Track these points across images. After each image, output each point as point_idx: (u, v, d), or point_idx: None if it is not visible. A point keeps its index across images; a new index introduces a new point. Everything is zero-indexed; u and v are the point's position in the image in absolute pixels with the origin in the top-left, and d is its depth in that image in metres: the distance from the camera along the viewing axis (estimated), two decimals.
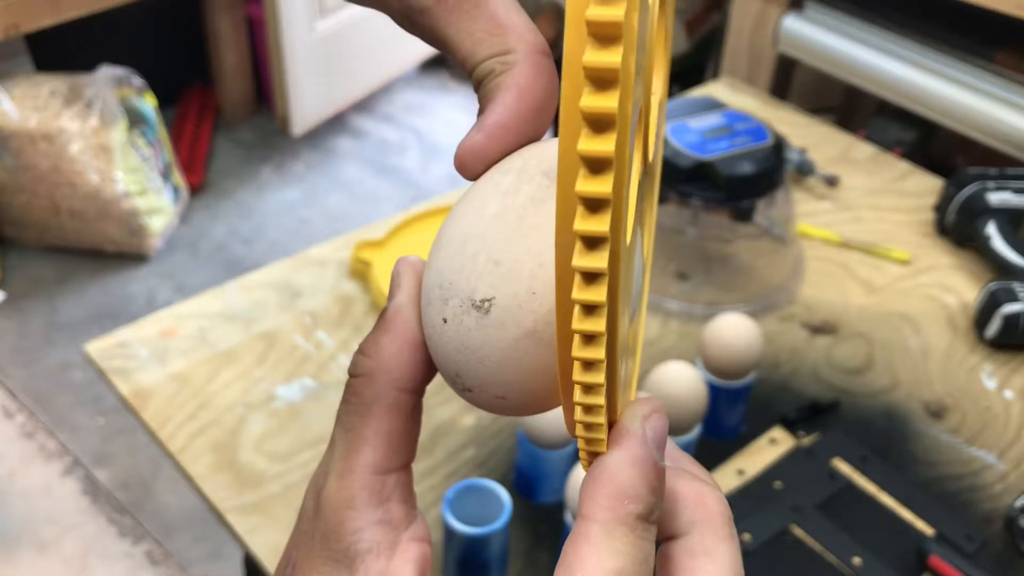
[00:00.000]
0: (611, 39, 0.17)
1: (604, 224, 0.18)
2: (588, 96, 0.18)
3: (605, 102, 0.17)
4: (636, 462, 0.22)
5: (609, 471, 0.22)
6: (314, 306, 0.87)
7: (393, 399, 0.25)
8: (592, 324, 0.20)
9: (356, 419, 0.26)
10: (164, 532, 1.51)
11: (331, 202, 2.27)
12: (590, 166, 0.18)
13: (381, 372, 0.25)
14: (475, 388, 0.24)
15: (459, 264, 0.23)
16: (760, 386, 0.81)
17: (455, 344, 0.24)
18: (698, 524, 0.24)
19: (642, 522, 0.22)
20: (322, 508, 0.25)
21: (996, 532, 0.70)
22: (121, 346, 0.81)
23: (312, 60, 2.32)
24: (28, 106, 1.87)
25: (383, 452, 0.25)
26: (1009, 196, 0.95)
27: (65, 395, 1.74)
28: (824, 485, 0.73)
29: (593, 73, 0.17)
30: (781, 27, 1.38)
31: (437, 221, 0.95)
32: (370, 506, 0.25)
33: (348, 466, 0.25)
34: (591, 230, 0.19)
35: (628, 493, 0.22)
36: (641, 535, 0.22)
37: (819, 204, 1.04)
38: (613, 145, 0.18)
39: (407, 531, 0.25)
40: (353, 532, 0.25)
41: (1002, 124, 1.17)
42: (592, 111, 0.18)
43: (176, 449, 0.73)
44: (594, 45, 0.17)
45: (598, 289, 0.19)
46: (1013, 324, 0.84)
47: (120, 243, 2.01)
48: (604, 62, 0.17)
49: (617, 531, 0.22)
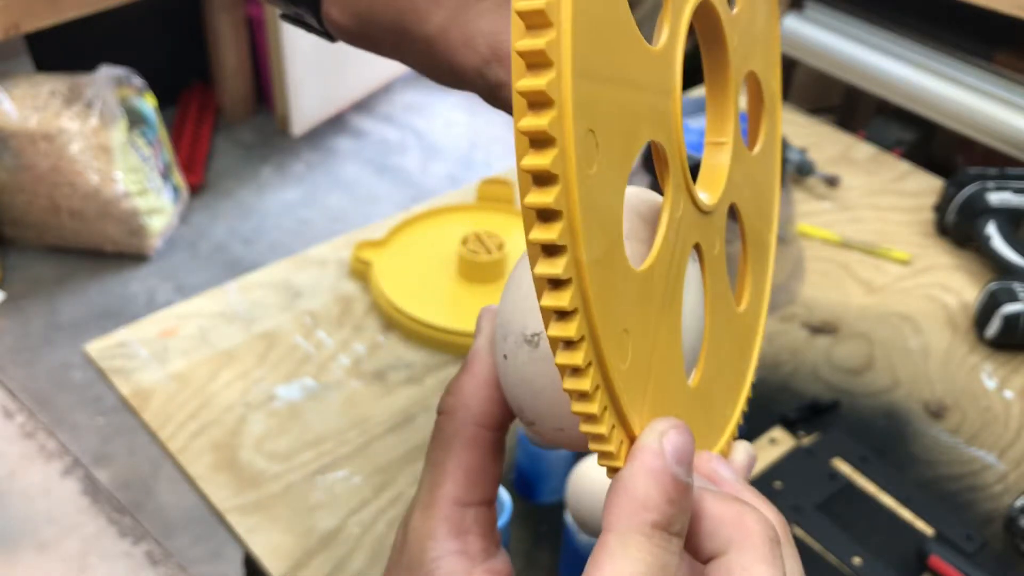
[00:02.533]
0: (541, 104, 0.19)
1: (559, 267, 0.20)
2: (529, 156, 0.20)
3: (539, 161, 0.20)
4: (650, 473, 0.23)
5: (623, 482, 0.23)
6: (314, 306, 0.87)
7: (472, 434, 0.27)
8: (571, 357, 0.21)
9: (440, 453, 0.27)
10: (164, 532, 1.51)
11: (331, 202, 2.27)
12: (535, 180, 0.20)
13: (461, 408, 0.27)
14: (537, 421, 0.26)
15: (513, 304, 0.25)
16: (760, 386, 0.81)
17: (515, 378, 0.25)
18: (735, 543, 0.24)
19: (659, 531, 0.22)
20: (408, 538, 0.27)
21: (996, 532, 0.70)
22: (121, 346, 0.81)
23: (312, 60, 2.32)
24: (28, 106, 1.87)
25: (463, 485, 0.27)
26: (1009, 196, 0.95)
27: (65, 395, 1.74)
28: (824, 485, 0.73)
29: (529, 134, 0.20)
30: (781, 27, 1.38)
31: (437, 221, 0.95)
32: (449, 537, 0.26)
33: (432, 499, 0.27)
34: (550, 272, 0.20)
35: (642, 502, 0.22)
36: (659, 543, 0.22)
37: (819, 204, 1.04)
38: (550, 160, 0.19)
39: (484, 563, 0.27)
40: (432, 560, 0.26)
41: (1002, 124, 1.17)
42: (529, 130, 0.20)
43: (176, 449, 0.73)
44: (526, 72, 0.19)
45: (561, 295, 0.20)
46: (1013, 324, 0.84)
47: (120, 243, 2.01)
48: (536, 127, 0.19)
49: (632, 539, 0.22)
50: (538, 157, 0.19)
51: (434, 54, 0.30)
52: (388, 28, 0.31)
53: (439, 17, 0.30)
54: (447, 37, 0.30)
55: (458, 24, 0.29)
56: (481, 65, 0.29)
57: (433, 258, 0.90)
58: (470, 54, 0.29)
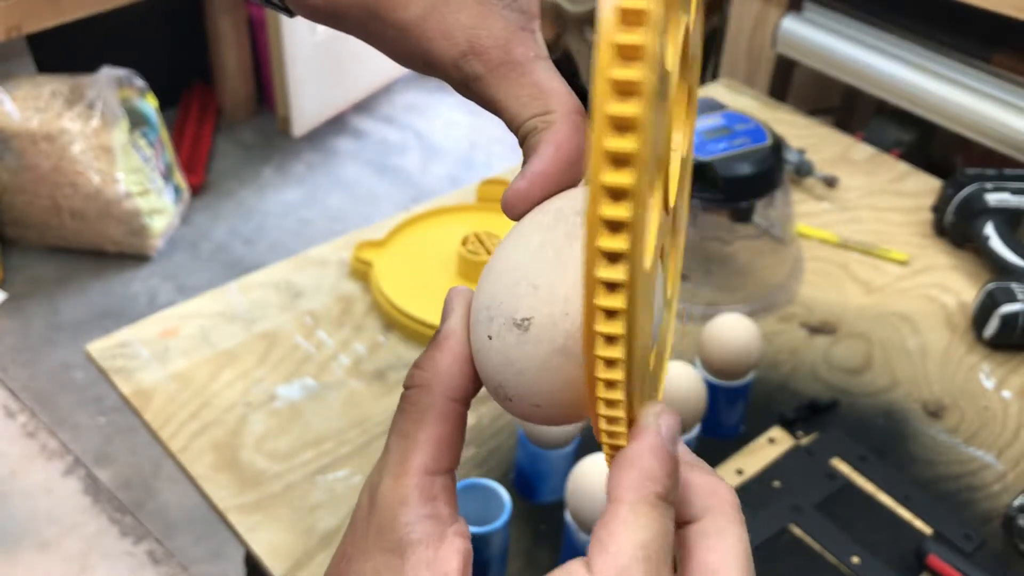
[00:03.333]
0: (631, 93, 0.21)
1: (624, 242, 0.22)
2: (610, 139, 0.21)
3: (625, 144, 0.21)
4: (654, 450, 0.26)
5: (632, 459, 0.26)
6: (315, 306, 0.87)
7: (444, 407, 0.29)
8: (612, 327, 0.23)
9: (411, 425, 0.29)
10: (165, 531, 1.51)
11: (332, 202, 2.27)
12: (611, 195, 0.22)
13: (436, 383, 0.29)
14: (515, 398, 0.28)
15: (504, 289, 0.27)
16: (759, 386, 0.81)
17: (499, 359, 0.27)
18: (711, 509, 0.27)
19: (662, 501, 0.25)
20: (377, 504, 0.28)
21: (994, 531, 0.71)
22: (122, 346, 0.81)
23: (313, 61, 2.32)
24: (30, 107, 1.87)
25: (433, 455, 0.29)
26: (1007, 196, 0.95)
27: (66, 395, 1.74)
28: (823, 485, 0.73)
29: (615, 121, 0.21)
30: (780, 28, 1.38)
31: (437, 221, 0.96)
32: (420, 503, 0.28)
33: (403, 468, 0.28)
34: (613, 247, 0.22)
35: (649, 475, 0.25)
36: (662, 512, 0.25)
37: (818, 205, 1.04)
38: (632, 178, 0.21)
39: (452, 527, 0.28)
40: (405, 525, 0.28)
41: (1000, 125, 1.17)
42: (614, 151, 0.21)
43: (177, 449, 0.73)
44: (616, 98, 0.21)
45: (617, 296, 0.23)
46: (1011, 324, 0.84)
47: (121, 243, 2.02)
48: (625, 112, 0.21)
49: (642, 508, 0.25)
50: (619, 175, 0.21)
51: (408, 41, 0.31)
52: (359, 10, 0.32)
53: (417, 7, 0.31)
54: (423, 27, 0.31)
55: (436, 15, 0.30)
56: (458, 57, 0.30)
57: (433, 258, 0.90)
58: (448, 46, 0.30)
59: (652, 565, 0.24)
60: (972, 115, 1.19)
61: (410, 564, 0.27)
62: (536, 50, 0.30)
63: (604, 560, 0.24)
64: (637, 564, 0.24)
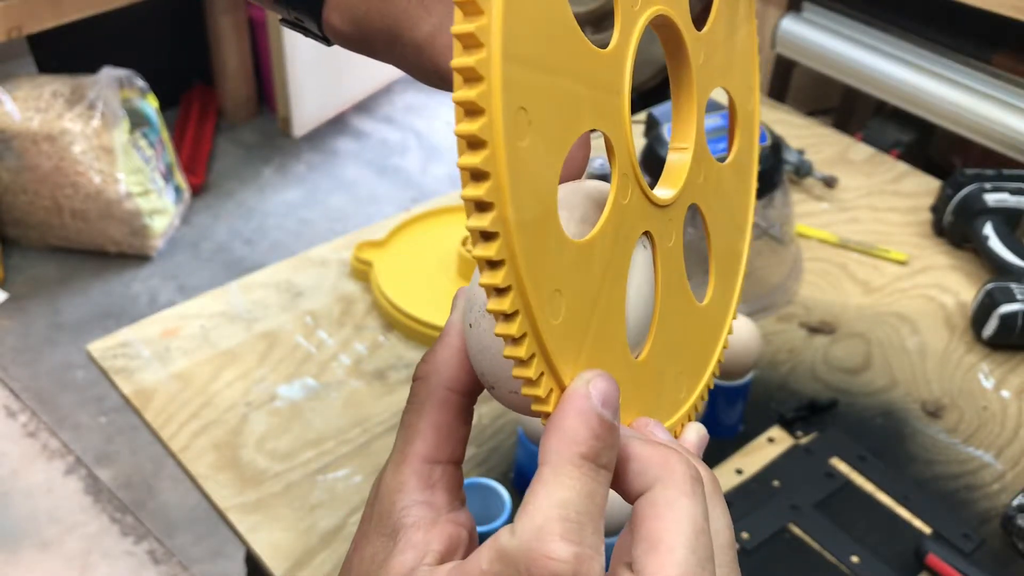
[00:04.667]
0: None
1: (487, 221, 0.23)
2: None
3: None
4: (578, 413, 0.26)
5: (555, 423, 0.26)
6: (315, 306, 0.87)
7: (442, 396, 0.30)
8: (501, 304, 0.24)
9: (412, 416, 0.30)
10: (166, 531, 1.51)
11: (332, 203, 2.28)
12: (468, 145, 0.23)
13: (434, 374, 0.30)
14: (496, 385, 0.29)
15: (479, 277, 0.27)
16: (758, 385, 0.81)
17: (478, 345, 0.28)
18: (661, 480, 0.27)
19: (587, 462, 0.25)
20: (379, 492, 0.30)
21: (993, 531, 0.71)
22: (123, 346, 0.82)
23: (313, 61, 2.32)
24: (31, 107, 1.87)
25: (432, 443, 0.29)
26: (1006, 197, 0.95)
27: (67, 395, 1.74)
28: (822, 484, 0.73)
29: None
30: (779, 29, 1.38)
31: (437, 221, 0.96)
32: (417, 489, 0.29)
33: (402, 456, 0.30)
34: (478, 225, 0.23)
35: (572, 438, 0.25)
36: (586, 472, 0.25)
37: (817, 205, 1.04)
38: (478, 127, 0.23)
39: (448, 515, 0.29)
40: (401, 510, 0.29)
41: (1000, 125, 1.17)
42: (461, 100, 0.23)
43: (178, 448, 0.73)
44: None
45: (495, 274, 0.24)
46: (1010, 324, 0.84)
47: (122, 243, 2.02)
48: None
49: (563, 469, 0.25)
50: (469, 124, 0.22)
51: (422, 58, 0.33)
52: (383, 34, 0.33)
53: (428, 24, 0.32)
54: (434, 43, 0.32)
55: (445, 31, 0.32)
56: None
57: (433, 258, 0.90)
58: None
59: (572, 525, 0.24)
60: (971, 115, 1.19)
61: (399, 547, 0.28)
62: None
63: (523, 521, 0.24)
64: (554, 524, 0.24)
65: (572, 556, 0.24)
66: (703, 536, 0.26)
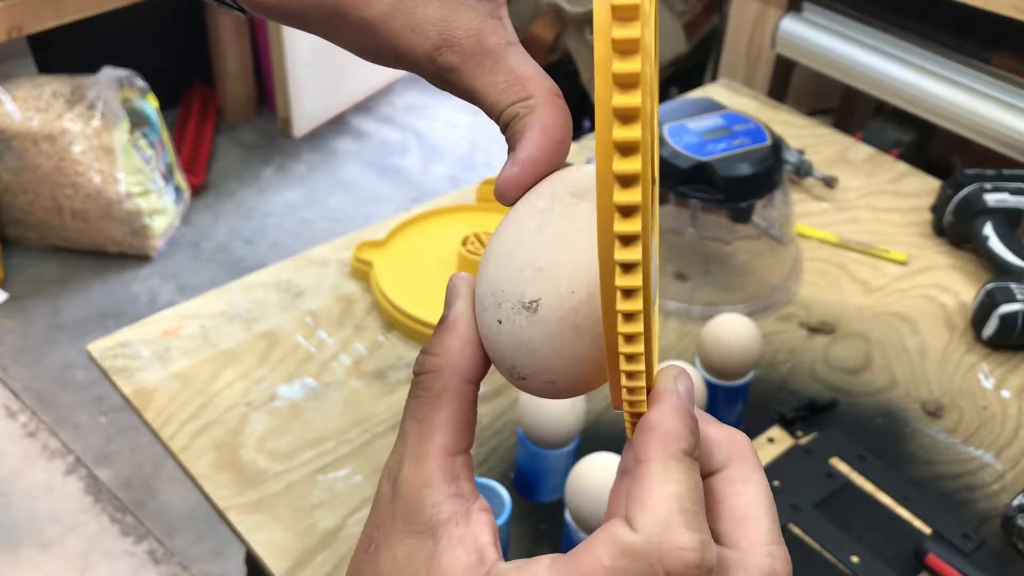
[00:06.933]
0: (631, 86, 0.23)
1: (636, 224, 0.24)
2: (617, 129, 0.23)
3: (631, 133, 0.23)
4: (676, 411, 0.28)
5: (656, 421, 0.27)
6: (315, 306, 0.87)
7: (459, 389, 0.30)
8: (631, 304, 0.25)
9: (428, 410, 0.30)
10: (166, 531, 1.51)
11: (332, 203, 2.28)
12: (621, 182, 0.24)
13: (448, 367, 0.30)
14: (528, 376, 0.29)
15: (508, 274, 0.28)
16: (758, 386, 0.81)
17: (510, 341, 0.29)
18: (734, 458, 0.29)
19: (688, 456, 0.27)
20: (400, 490, 0.29)
21: (993, 531, 0.71)
22: (123, 346, 0.82)
23: (313, 62, 2.32)
24: (31, 107, 1.87)
25: (452, 436, 0.29)
26: (1006, 196, 0.95)
27: (67, 395, 1.74)
28: (822, 484, 0.73)
29: (619, 112, 0.23)
30: (779, 29, 1.38)
31: (437, 221, 0.96)
32: (445, 483, 0.29)
33: (423, 451, 0.29)
34: (627, 230, 0.24)
35: (674, 434, 0.27)
36: (689, 467, 0.27)
37: (817, 205, 1.04)
38: (639, 165, 0.23)
39: (475, 503, 0.29)
40: (432, 506, 0.29)
41: (999, 126, 1.17)
42: (621, 140, 0.23)
43: (178, 448, 0.73)
44: (618, 91, 0.23)
45: (634, 276, 0.25)
46: (1010, 324, 0.84)
47: (122, 243, 2.02)
48: (628, 103, 0.23)
49: (671, 464, 0.27)
50: (628, 163, 0.23)
51: (375, 38, 0.31)
52: (318, 10, 0.31)
53: (382, 3, 0.31)
54: (390, 23, 0.31)
55: (403, 11, 0.31)
56: (431, 50, 0.31)
57: (433, 258, 0.91)
58: (419, 40, 0.31)
59: (690, 516, 0.26)
60: (971, 116, 1.19)
61: (443, 544, 0.28)
62: (507, 37, 0.31)
63: (644, 515, 0.26)
64: (676, 515, 0.25)
65: (699, 543, 0.25)
66: (773, 502, 0.29)
